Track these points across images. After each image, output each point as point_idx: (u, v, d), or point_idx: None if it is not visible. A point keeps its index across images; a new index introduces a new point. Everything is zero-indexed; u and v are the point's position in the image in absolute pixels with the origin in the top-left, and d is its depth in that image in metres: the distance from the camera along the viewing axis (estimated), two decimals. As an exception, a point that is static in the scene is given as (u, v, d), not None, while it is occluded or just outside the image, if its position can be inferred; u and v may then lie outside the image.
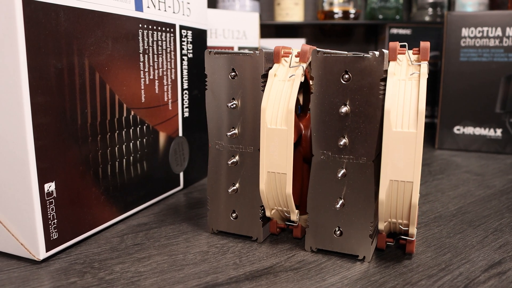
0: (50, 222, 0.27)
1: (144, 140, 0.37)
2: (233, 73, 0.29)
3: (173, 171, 0.42)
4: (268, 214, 0.30)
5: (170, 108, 0.40)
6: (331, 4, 0.88)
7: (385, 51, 0.27)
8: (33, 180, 0.26)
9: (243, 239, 0.31)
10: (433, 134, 0.75)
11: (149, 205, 0.38)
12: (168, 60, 0.39)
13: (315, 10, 0.97)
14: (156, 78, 0.38)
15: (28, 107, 0.25)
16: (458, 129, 0.62)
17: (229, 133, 0.30)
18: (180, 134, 0.42)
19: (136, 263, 0.28)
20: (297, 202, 0.32)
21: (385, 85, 0.26)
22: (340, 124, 0.27)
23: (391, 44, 0.27)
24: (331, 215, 0.28)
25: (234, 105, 0.29)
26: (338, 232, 0.28)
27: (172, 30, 0.39)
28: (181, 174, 0.43)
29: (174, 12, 0.40)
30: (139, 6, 0.35)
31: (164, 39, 0.38)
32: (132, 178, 0.35)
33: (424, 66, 0.26)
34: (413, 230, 0.27)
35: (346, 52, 0.26)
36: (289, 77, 0.29)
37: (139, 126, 0.36)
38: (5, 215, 0.27)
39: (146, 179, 0.37)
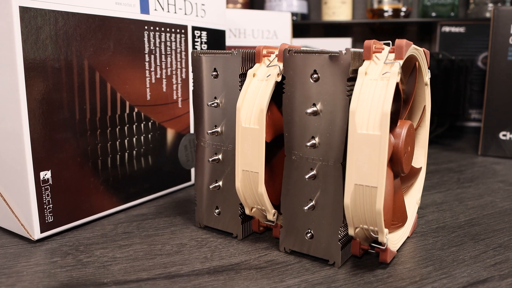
0: (45, 206, 0.30)
1: (149, 135, 0.39)
2: (214, 73, 0.30)
3: (183, 166, 0.43)
4: (247, 212, 0.31)
5: (180, 106, 0.42)
6: (380, 2, 0.85)
7: (359, 50, 0.26)
8: (28, 168, 0.29)
9: (225, 235, 0.32)
10: (477, 140, 0.69)
11: (155, 198, 0.41)
12: (178, 59, 0.41)
13: (364, 9, 0.94)
14: (163, 77, 0.40)
15: (24, 103, 0.28)
16: (504, 135, 0.56)
17: (210, 131, 0.31)
18: (192, 131, 0.44)
19: (116, 249, 0.29)
20: (278, 201, 0.32)
21: (353, 85, 0.25)
22: (309, 124, 0.26)
23: (366, 42, 0.26)
24: (302, 217, 0.28)
25: (215, 104, 0.30)
26: (309, 235, 0.28)
27: (183, 31, 0.41)
28: (193, 170, 0.45)
29: (185, 14, 0.41)
30: (145, 9, 0.37)
31: (173, 39, 0.40)
32: (135, 171, 0.38)
33: (396, 65, 0.24)
34: (382, 238, 0.25)
35: (324, 50, 0.26)
36: (267, 76, 0.29)
37: (144, 123, 0.38)
38: (10, 197, 0.31)
39: (150, 172, 0.39)
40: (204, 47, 0.44)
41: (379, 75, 0.25)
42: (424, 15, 0.84)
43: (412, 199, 0.34)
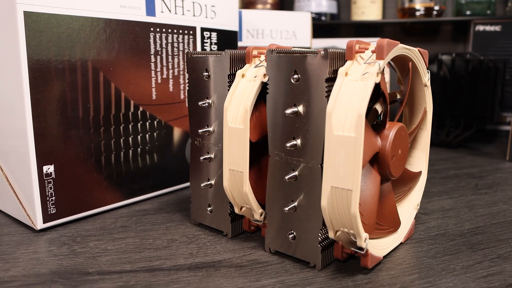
0: (48, 198, 0.32)
1: (155, 134, 0.40)
2: (206, 73, 0.31)
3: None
4: (237, 211, 0.31)
5: (187, 105, 0.43)
6: (411, 0, 0.82)
7: (342, 50, 0.25)
8: (32, 162, 0.31)
9: (217, 233, 0.33)
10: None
11: (160, 194, 0.42)
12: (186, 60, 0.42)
13: (396, 8, 0.91)
14: (170, 77, 0.41)
15: (28, 101, 0.30)
16: (535, 140, 0.53)
17: (201, 130, 0.31)
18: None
19: (110, 242, 0.31)
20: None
21: (332, 86, 0.25)
22: (291, 125, 0.26)
23: (349, 42, 0.25)
24: (285, 218, 0.28)
25: (206, 104, 0.31)
26: (291, 236, 0.28)
27: (191, 32, 0.42)
28: (200, 168, 0.45)
29: (194, 15, 0.42)
30: (150, 12, 0.38)
31: (181, 40, 0.41)
32: (140, 168, 0.39)
33: (376, 66, 0.24)
34: (361, 242, 0.25)
35: (305, 50, 0.26)
36: (254, 77, 0.29)
37: (149, 121, 0.39)
38: (18, 188, 0.33)
39: (155, 170, 0.40)
40: (214, 47, 0.45)
41: (360, 76, 0.24)
42: (458, 13, 0.80)
43: (410, 204, 0.33)
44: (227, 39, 0.47)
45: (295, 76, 0.26)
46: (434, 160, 0.56)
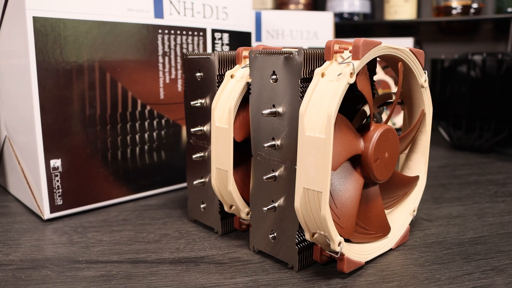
0: (55, 191, 0.35)
1: (163, 132, 0.41)
2: (198, 74, 0.31)
3: (200, 163, 0.45)
4: (226, 209, 0.31)
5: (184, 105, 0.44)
6: (447, -3, 0.78)
7: (321, 49, 0.25)
8: (40, 155, 0.33)
9: (209, 230, 0.33)
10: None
11: (168, 191, 0.43)
12: (195, 61, 0.43)
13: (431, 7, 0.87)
14: (179, 77, 0.42)
15: (36, 99, 0.33)
16: None
17: (193, 130, 0.32)
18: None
19: (107, 233, 0.32)
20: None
21: (306, 86, 0.24)
22: (270, 126, 0.26)
23: (327, 42, 0.25)
24: (266, 218, 0.28)
25: (198, 104, 0.32)
26: (271, 236, 0.28)
27: (201, 33, 0.43)
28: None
29: (204, 17, 0.43)
30: (159, 14, 0.39)
31: (190, 42, 0.42)
32: (147, 164, 0.41)
33: (350, 66, 0.23)
34: (334, 246, 0.24)
35: (284, 51, 0.26)
36: (241, 78, 0.29)
37: (157, 120, 0.41)
38: (31, 179, 0.35)
39: (163, 167, 0.42)
40: (225, 48, 0.46)
41: (336, 77, 0.24)
42: (498, 11, 0.75)
43: (405, 209, 0.31)
44: (240, 40, 0.47)
45: (273, 76, 0.26)
46: (458, 165, 0.53)
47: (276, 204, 0.27)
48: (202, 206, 0.33)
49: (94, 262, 0.28)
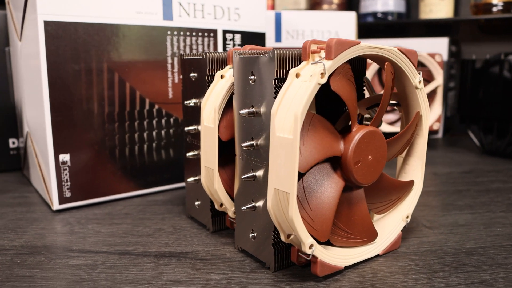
0: (63, 183, 0.37)
1: (171, 130, 0.43)
2: (192, 74, 0.32)
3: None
4: (217, 207, 0.32)
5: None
6: (488, -7, 0.74)
7: (298, 49, 0.25)
8: (49, 150, 0.36)
9: (202, 227, 0.34)
10: None
11: (177, 188, 0.44)
12: (205, 62, 0.44)
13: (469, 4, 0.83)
14: (188, 77, 0.43)
15: (47, 98, 0.35)
16: None
17: (186, 128, 0.33)
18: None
19: (106, 226, 0.34)
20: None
21: (281, 87, 0.24)
22: (249, 126, 0.27)
23: (304, 42, 0.25)
24: (248, 218, 0.28)
25: (192, 104, 0.32)
26: (251, 236, 0.28)
27: (212, 34, 0.44)
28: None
29: (215, 18, 0.44)
30: (168, 16, 0.41)
31: (200, 43, 0.43)
32: (155, 161, 0.42)
33: (320, 66, 0.23)
34: (304, 248, 0.24)
35: (262, 51, 0.26)
36: (229, 78, 0.29)
37: (165, 118, 0.42)
38: (45, 173, 0.38)
39: (171, 164, 0.43)
40: (237, 49, 0.46)
41: (309, 77, 0.24)
42: (545, 5, 0.70)
43: (398, 215, 0.30)
44: (253, 40, 0.48)
45: (252, 77, 0.26)
46: (483, 171, 0.50)
47: (256, 204, 0.27)
48: (196, 203, 0.34)
49: (85, 251, 0.29)
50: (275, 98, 0.24)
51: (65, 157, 0.37)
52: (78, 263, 0.28)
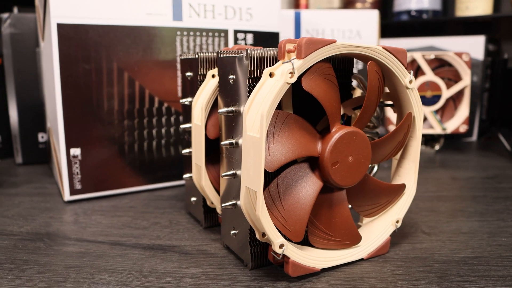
0: (74, 176, 0.39)
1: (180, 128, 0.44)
2: (188, 73, 0.33)
3: (220, 159, 0.47)
4: (208, 203, 0.33)
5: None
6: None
7: (274, 50, 0.25)
8: (61, 144, 0.38)
9: (197, 223, 0.35)
10: None
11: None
12: (215, 61, 0.45)
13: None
14: (198, 77, 0.44)
15: (59, 95, 0.37)
16: None
17: (182, 126, 0.34)
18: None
19: (109, 218, 0.36)
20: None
21: (254, 86, 0.25)
22: (229, 124, 0.27)
23: (281, 41, 0.24)
24: (230, 215, 0.28)
25: (187, 102, 0.33)
26: (232, 233, 0.28)
27: (222, 34, 0.45)
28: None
29: (226, 18, 0.45)
30: (177, 17, 0.42)
31: (210, 42, 0.44)
32: (164, 157, 0.44)
33: (288, 65, 0.23)
34: (274, 247, 0.24)
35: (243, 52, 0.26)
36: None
37: (174, 116, 0.44)
38: (60, 165, 0.41)
39: (179, 160, 0.45)
40: (249, 49, 0.47)
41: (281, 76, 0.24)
42: None
43: (387, 219, 0.29)
44: (265, 40, 0.48)
45: (231, 76, 0.26)
46: (508, 177, 0.47)
47: (236, 202, 0.27)
48: (192, 199, 0.35)
49: (81, 240, 0.31)
50: (248, 97, 0.25)
51: (76, 151, 0.39)
52: (71, 251, 0.29)
